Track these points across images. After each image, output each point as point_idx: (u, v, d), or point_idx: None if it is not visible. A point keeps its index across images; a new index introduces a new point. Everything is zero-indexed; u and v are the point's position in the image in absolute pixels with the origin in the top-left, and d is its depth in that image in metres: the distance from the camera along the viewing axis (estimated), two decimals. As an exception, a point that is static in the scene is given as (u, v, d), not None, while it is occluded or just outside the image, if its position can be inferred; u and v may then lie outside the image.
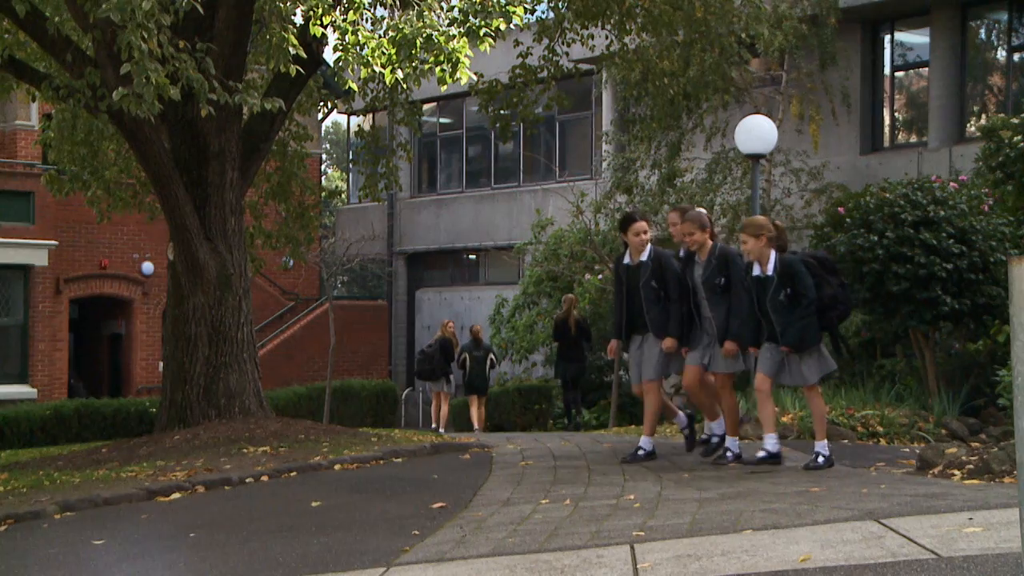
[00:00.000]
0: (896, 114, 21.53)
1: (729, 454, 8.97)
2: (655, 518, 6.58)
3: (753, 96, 19.88)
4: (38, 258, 23.01)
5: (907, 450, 10.44)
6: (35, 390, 22.76)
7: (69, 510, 8.56)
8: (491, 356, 19.92)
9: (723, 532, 5.89)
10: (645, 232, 9.23)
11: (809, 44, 19.48)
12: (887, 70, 21.12)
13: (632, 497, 7.45)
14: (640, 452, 9.37)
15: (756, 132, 14.37)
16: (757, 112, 17.00)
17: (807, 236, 18.97)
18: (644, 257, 9.16)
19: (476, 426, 19.21)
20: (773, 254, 8.53)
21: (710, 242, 8.92)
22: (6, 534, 8.02)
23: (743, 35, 16.23)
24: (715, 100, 18.65)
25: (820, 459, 8.47)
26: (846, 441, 11.05)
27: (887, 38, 21.07)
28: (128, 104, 9.01)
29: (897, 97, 21.54)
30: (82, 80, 10.75)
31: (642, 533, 6.11)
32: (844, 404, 12.22)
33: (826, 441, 8.63)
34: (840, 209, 13.91)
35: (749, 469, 8.59)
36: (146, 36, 8.71)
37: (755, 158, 14.57)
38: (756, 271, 8.57)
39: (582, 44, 15.35)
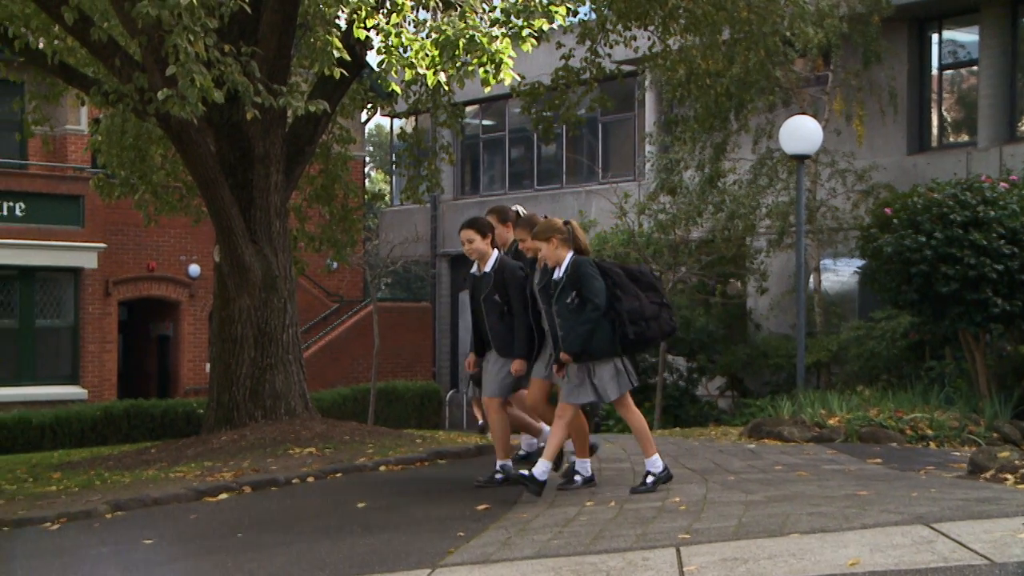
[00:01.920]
0: (944, 113, 21.28)
1: (578, 478, 8.22)
2: (701, 521, 6.54)
3: (799, 96, 19.74)
4: (88, 261, 23.28)
5: (957, 454, 10.31)
6: (85, 391, 23.03)
7: (120, 509, 8.66)
8: None
9: (770, 535, 5.84)
10: (470, 241, 8.36)
11: (853, 43, 19.31)
12: (935, 69, 20.87)
13: (677, 500, 7.42)
14: (497, 476, 8.53)
15: (801, 133, 14.27)
16: (803, 113, 16.87)
17: (853, 237, 18.82)
18: (488, 268, 8.37)
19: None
20: (569, 255, 7.79)
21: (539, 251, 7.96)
22: (59, 532, 8.13)
23: (788, 34, 16.12)
24: (760, 100, 18.54)
25: (650, 479, 7.79)
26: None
27: (935, 36, 20.83)
28: (172, 106, 9.09)
29: (945, 96, 21.28)
30: (130, 84, 10.86)
31: (688, 536, 6.08)
32: (892, 407, 12.09)
33: (657, 456, 7.85)
34: (887, 210, 13.77)
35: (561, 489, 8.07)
36: (192, 39, 8.78)
37: (800, 159, 14.47)
38: (555, 275, 7.81)
39: (625, 45, 15.31)
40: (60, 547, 7.59)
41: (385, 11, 9.82)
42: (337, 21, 10.39)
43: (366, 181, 34.37)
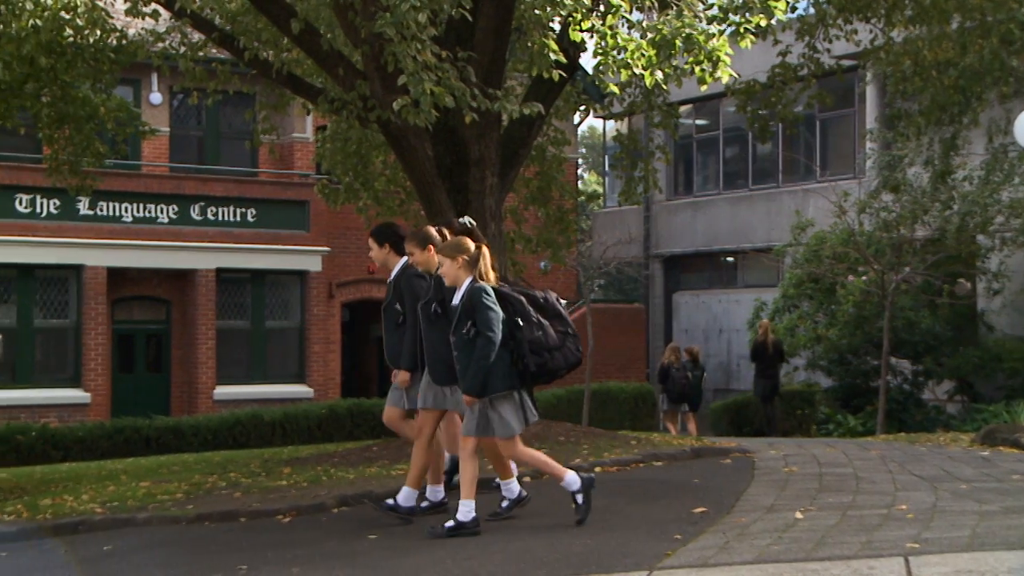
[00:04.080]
0: None
1: (506, 502, 7.86)
2: (930, 530, 6.27)
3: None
4: (312, 264, 24.22)
5: None
6: (311, 390, 23.96)
7: (345, 504, 8.96)
8: (704, 375, 21.41)
9: (1008, 548, 5.54)
10: (370, 249, 8.30)
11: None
12: None
13: (904, 507, 7.15)
14: (387, 503, 8.06)
15: (1037, 124, 13.52)
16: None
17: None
18: (392, 276, 8.16)
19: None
20: (468, 281, 7.34)
21: (432, 262, 7.73)
22: (289, 525, 8.48)
23: (1026, 19, 15.25)
24: (993, 92, 17.62)
25: (579, 496, 7.35)
26: None
27: None
28: (407, 114, 9.34)
29: None
30: (353, 92, 11.24)
31: (916, 545, 5.84)
32: None
33: (570, 473, 7.44)
34: None
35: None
36: (420, 47, 9.02)
37: (1036, 152, 13.70)
38: (454, 300, 7.39)
39: (846, 39, 14.85)
40: (293, 540, 7.91)
41: (600, 12, 9.81)
42: (551, 24, 10.45)
43: (579, 183, 34.51)
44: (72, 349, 22.36)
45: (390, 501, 7.92)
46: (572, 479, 7.43)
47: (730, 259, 28.58)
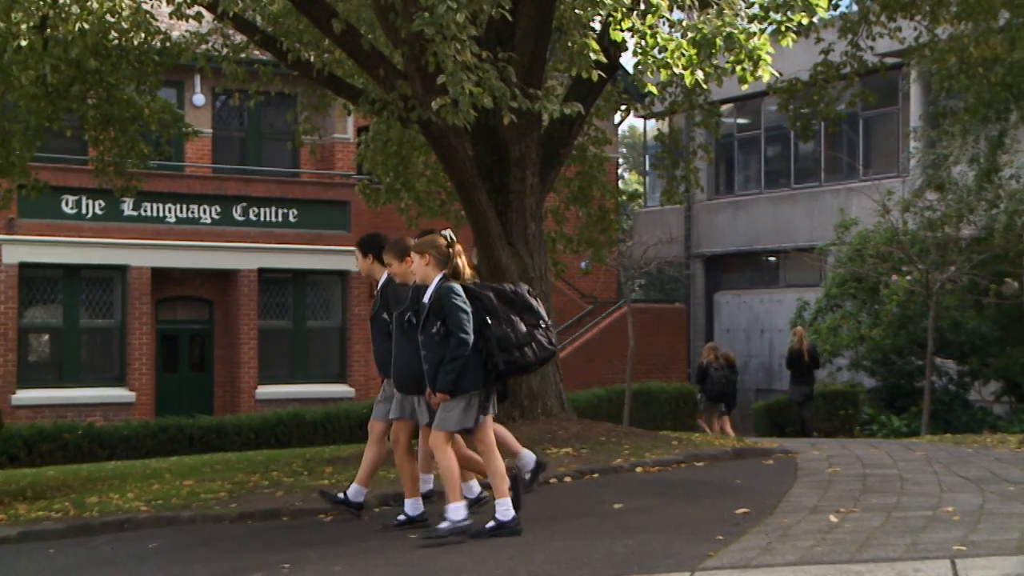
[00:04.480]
0: None
1: (401, 516, 7.91)
2: (977, 532, 6.21)
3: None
4: (353, 264, 24.15)
5: None
6: (352, 389, 24.07)
7: (386, 504, 8.98)
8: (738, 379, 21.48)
9: (1056, 551, 5.48)
10: (356, 260, 8.41)
11: None
12: None
13: (950, 509, 7.07)
14: (339, 496, 8.34)
15: (1086, 121, 13.33)
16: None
17: None
18: (379, 286, 8.16)
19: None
20: (438, 278, 7.28)
21: (412, 273, 7.62)
22: (331, 524, 8.53)
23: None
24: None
25: (445, 524, 7.16)
26: None
27: None
28: (446, 114, 9.37)
29: None
30: (394, 93, 11.29)
31: (963, 548, 5.78)
32: None
33: (462, 503, 7.25)
34: None
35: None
36: (459, 48, 9.05)
37: (1085, 149, 13.52)
38: (424, 297, 7.33)
39: (890, 37, 14.73)
40: (333, 539, 7.96)
41: (640, 12, 9.79)
42: (592, 24, 10.43)
43: (619, 182, 34.44)
44: (117, 349, 22.61)
45: (401, 517, 7.95)
46: (456, 508, 7.23)
47: (772, 259, 28.42)
